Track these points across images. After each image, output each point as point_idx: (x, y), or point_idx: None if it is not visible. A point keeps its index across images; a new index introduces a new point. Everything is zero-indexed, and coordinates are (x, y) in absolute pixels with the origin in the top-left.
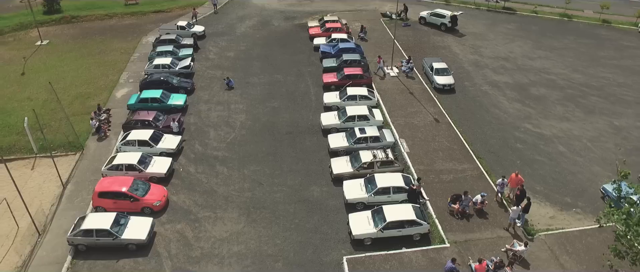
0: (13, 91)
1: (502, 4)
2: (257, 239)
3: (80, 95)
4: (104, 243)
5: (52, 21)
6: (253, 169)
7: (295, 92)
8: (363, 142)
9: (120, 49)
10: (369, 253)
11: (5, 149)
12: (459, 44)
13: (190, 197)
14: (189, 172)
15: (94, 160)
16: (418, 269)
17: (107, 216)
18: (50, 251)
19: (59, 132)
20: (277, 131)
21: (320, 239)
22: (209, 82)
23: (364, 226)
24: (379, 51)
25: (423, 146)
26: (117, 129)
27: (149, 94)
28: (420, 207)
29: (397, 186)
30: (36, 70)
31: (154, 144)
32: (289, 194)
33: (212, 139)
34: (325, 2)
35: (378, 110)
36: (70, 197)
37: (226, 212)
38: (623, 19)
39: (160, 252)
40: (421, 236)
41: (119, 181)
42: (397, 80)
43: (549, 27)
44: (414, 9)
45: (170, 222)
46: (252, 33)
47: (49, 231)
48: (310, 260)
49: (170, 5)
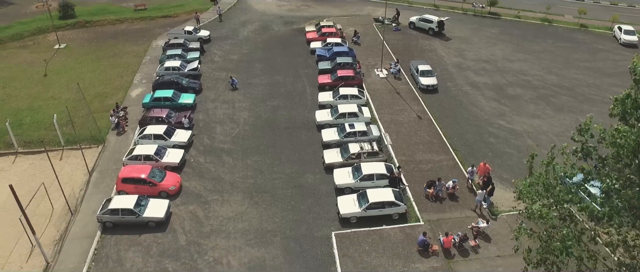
0: (38, 91)
1: (488, 9)
2: (259, 217)
3: (99, 94)
4: (128, 221)
5: (68, 26)
6: (255, 159)
7: (293, 92)
8: (352, 136)
9: (132, 52)
10: (354, 229)
11: (36, 142)
12: (444, 48)
13: (201, 183)
14: (199, 162)
15: (115, 152)
16: (395, 242)
17: (130, 198)
18: (82, 227)
19: (82, 127)
20: (277, 127)
21: (313, 217)
22: (215, 83)
23: (350, 206)
24: (371, 54)
25: (406, 139)
26: (133, 124)
27: (162, 94)
28: (400, 191)
29: (380, 173)
30: (57, 72)
31: (168, 138)
32: (287, 181)
33: (218, 133)
34: (322, 8)
35: (367, 108)
36: (96, 183)
37: (232, 195)
38: (599, 23)
39: (175, 228)
40: (399, 216)
41: (139, 169)
42: (386, 81)
43: (530, 31)
44: (405, 14)
45: (183, 204)
46: (253, 37)
47: (80, 211)
48: (304, 235)
49: (177, 11)
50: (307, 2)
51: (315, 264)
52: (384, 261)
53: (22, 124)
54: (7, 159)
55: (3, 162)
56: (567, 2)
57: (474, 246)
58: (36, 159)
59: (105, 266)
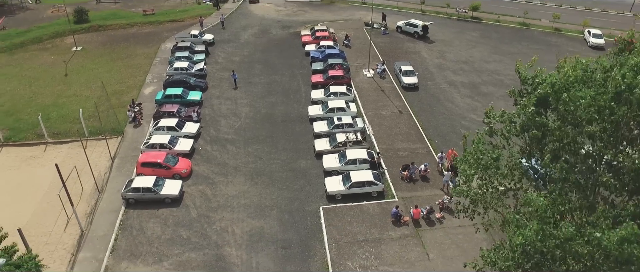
0: (61, 89)
1: (470, 13)
2: (258, 195)
3: (116, 92)
4: (148, 197)
5: (83, 30)
6: (255, 148)
7: (289, 90)
8: (339, 127)
9: (143, 54)
10: (339, 204)
11: (63, 133)
12: (427, 50)
13: (208, 167)
14: (206, 150)
15: (132, 141)
16: (373, 215)
17: (149, 178)
18: (109, 203)
19: (104, 120)
20: (274, 120)
21: (304, 195)
22: (219, 82)
23: (336, 185)
24: (360, 56)
25: (387, 130)
26: (148, 118)
27: (172, 91)
28: (379, 173)
29: (362, 158)
30: (76, 72)
31: (179, 129)
32: (282, 165)
33: (223, 126)
34: (317, 13)
35: (353, 104)
36: (118, 167)
37: (235, 177)
38: (572, 27)
39: (188, 204)
40: (378, 193)
41: (155, 155)
42: (372, 80)
43: (508, 34)
44: (393, 19)
45: (194, 185)
46: (253, 40)
47: (106, 190)
48: (296, 209)
49: (183, 16)
50: (304, 8)
51: (305, 232)
52: (363, 229)
53: (49, 118)
54: (39, 148)
55: (36, 150)
56: (547, 6)
57: (439, 218)
58: (64, 148)
59: (130, 233)
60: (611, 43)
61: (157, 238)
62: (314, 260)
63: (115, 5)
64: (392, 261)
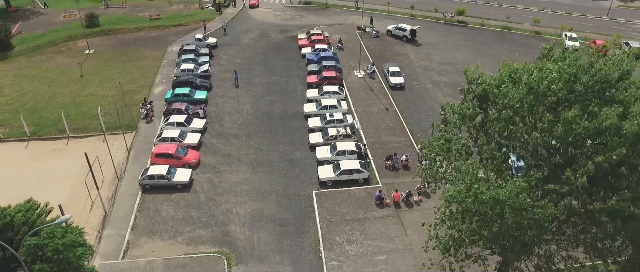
0: (78, 89)
1: (456, 18)
2: (259, 182)
3: (128, 91)
4: (161, 183)
5: (94, 33)
6: (256, 141)
7: (287, 89)
8: (331, 123)
9: (152, 57)
10: (330, 189)
11: (82, 129)
12: (415, 52)
13: (214, 158)
14: (212, 143)
15: (146, 135)
16: (359, 198)
17: (163, 167)
18: (127, 189)
19: (119, 117)
20: (273, 116)
21: (299, 181)
22: (222, 82)
23: (327, 173)
24: (352, 58)
25: (374, 126)
26: (158, 115)
27: (181, 91)
28: (365, 162)
29: (350, 150)
30: (90, 73)
31: (187, 125)
32: (280, 156)
33: (226, 121)
34: (313, 17)
35: (345, 102)
36: (134, 158)
37: (238, 167)
38: (551, 30)
39: (197, 189)
40: (364, 180)
41: (167, 147)
42: (363, 80)
43: (491, 37)
44: (384, 23)
45: (202, 173)
46: (253, 44)
47: (124, 178)
48: (292, 193)
49: (187, 20)
50: (300, 12)
51: (300, 213)
52: (350, 210)
53: (69, 115)
54: (61, 141)
55: (59, 144)
56: (529, 10)
57: (417, 201)
58: (84, 142)
59: (147, 214)
60: (586, 45)
61: (171, 218)
62: (307, 236)
63: (123, 10)
64: (374, 237)
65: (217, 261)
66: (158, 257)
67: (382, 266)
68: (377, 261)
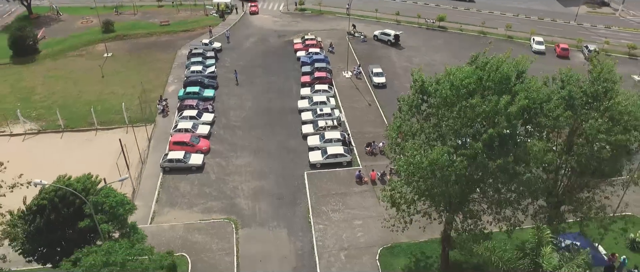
0: (100, 88)
1: (437, 23)
2: (259, 165)
3: (145, 90)
4: (179, 166)
5: (110, 38)
6: (257, 132)
7: (283, 88)
8: (321, 116)
9: (163, 59)
10: (318, 170)
11: (108, 122)
12: (398, 55)
13: (222, 146)
14: (220, 134)
15: (163, 127)
16: (342, 177)
17: (180, 153)
18: (150, 171)
19: (139, 112)
20: (271, 111)
21: (294, 164)
22: (227, 82)
23: (316, 157)
24: (341, 60)
25: (358, 118)
26: (173, 110)
27: (191, 89)
28: (348, 148)
29: (336, 138)
30: (110, 74)
31: (198, 118)
32: (277, 144)
33: (232, 116)
34: (308, 23)
35: (333, 99)
36: (154, 146)
37: (242, 153)
38: (522, 35)
39: (208, 171)
40: (347, 163)
41: (183, 136)
42: (350, 80)
43: (467, 41)
44: (371, 28)
45: (213, 158)
46: (254, 48)
47: (147, 162)
48: (287, 174)
49: (194, 26)
50: (296, 18)
51: (293, 189)
52: (335, 186)
53: (95, 110)
54: (91, 133)
55: (89, 135)
56: (505, 16)
57: (389, 179)
58: (110, 133)
59: (168, 190)
60: (550, 49)
61: (188, 193)
62: (299, 206)
63: (134, 17)
64: (353, 207)
65: (227, 225)
66: (179, 222)
67: (358, 228)
68: (355, 225)
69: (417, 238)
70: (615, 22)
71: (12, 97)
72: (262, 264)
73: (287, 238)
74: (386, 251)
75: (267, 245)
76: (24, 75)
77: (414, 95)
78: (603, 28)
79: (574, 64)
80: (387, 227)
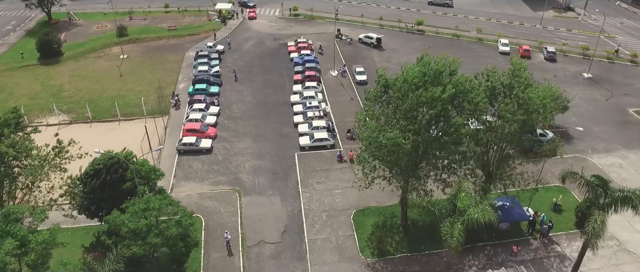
0: (120, 86)
1: (416, 27)
2: (258, 148)
3: (158, 87)
4: (192, 149)
5: (124, 42)
6: (256, 121)
7: (278, 85)
8: (310, 108)
9: (173, 60)
10: (307, 152)
11: (128, 114)
12: (379, 55)
13: (227, 133)
14: (224, 123)
15: (176, 118)
16: (326, 157)
17: (192, 138)
18: (168, 153)
19: (156, 105)
20: (268, 104)
21: (286, 147)
22: (230, 80)
23: (305, 141)
24: (329, 61)
25: (342, 110)
26: (184, 104)
27: (199, 86)
28: (332, 134)
29: (322, 126)
30: (128, 73)
31: (206, 110)
32: (273, 131)
33: (234, 108)
34: (300, 27)
35: (321, 93)
36: (170, 133)
37: (244, 138)
38: (491, 37)
39: (216, 152)
40: (330, 146)
41: (194, 125)
42: (336, 78)
43: (442, 43)
44: (358, 32)
45: (219, 142)
46: (252, 49)
47: (165, 146)
48: (281, 154)
49: (199, 30)
50: (290, 23)
51: (286, 166)
52: (320, 164)
53: (117, 104)
54: (115, 123)
55: (113, 125)
56: (479, 20)
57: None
58: (131, 123)
59: (183, 168)
60: (515, 49)
61: (199, 170)
62: (290, 180)
63: (145, 22)
64: (334, 180)
65: (232, 194)
66: (193, 192)
67: (337, 196)
68: (335, 193)
69: (384, 203)
70: (577, 25)
71: (44, 93)
72: (260, 223)
73: (280, 204)
74: (359, 212)
75: (264, 209)
76: (52, 75)
77: (377, 88)
78: (565, 31)
79: (534, 63)
80: (356, 187)
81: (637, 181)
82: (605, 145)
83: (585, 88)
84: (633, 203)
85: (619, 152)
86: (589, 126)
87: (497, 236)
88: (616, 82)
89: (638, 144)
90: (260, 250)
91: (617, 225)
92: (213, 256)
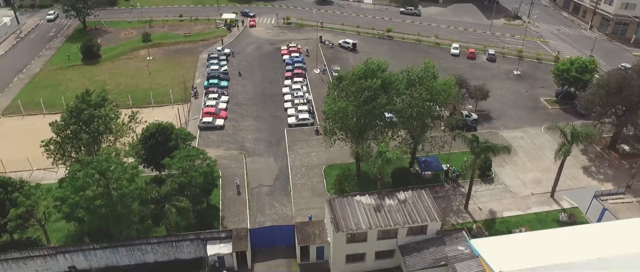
0: (149, 81)
1: (386, 34)
2: (257, 125)
3: (180, 82)
4: (209, 126)
5: (148, 46)
6: (256, 107)
7: (273, 80)
8: (296, 97)
9: (190, 61)
10: (293, 128)
11: (159, 102)
12: (354, 57)
13: (234, 115)
14: (232, 108)
15: (195, 105)
16: (308, 132)
17: (209, 118)
18: (191, 129)
19: (181, 95)
20: (265, 94)
21: (279, 125)
22: (235, 77)
23: (292, 120)
24: (314, 61)
25: (320, 99)
26: (201, 94)
27: (212, 81)
28: (312, 115)
29: (305, 109)
30: (155, 72)
31: (219, 98)
32: (269, 113)
33: (240, 97)
34: (292, 34)
35: (305, 87)
36: (191, 115)
37: (247, 119)
38: (446, 42)
39: (227, 128)
40: (311, 123)
41: (210, 109)
42: (318, 76)
43: (406, 47)
44: (338, 37)
45: (229, 122)
46: (253, 53)
47: (189, 124)
48: (275, 130)
49: (209, 36)
50: (284, 31)
51: (278, 138)
52: (302, 136)
53: (149, 95)
54: (150, 108)
55: (149, 110)
56: (440, 27)
57: None
58: (162, 109)
59: (203, 139)
60: (464, 52)
61: (216, 140)
62: (281, 147)
63: (163, 29)
64: (312, 147)
65: (239, 156)
66: (212, 155)
67: (313, 157)
68: (312, 156)
69: (346, 161)
70: (522, 32)
71: (92, 87)
72: (259, 173)
73: (273, 162)
74: (328, 167)
75: (262, 165)
76: (95, 73)
77: (336, 80)
78: (509, 36)
79: (477, 63)
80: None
81: (530, 147)
82: (515, 123)
83: (513, 82)
84: (493, 150)
85: (523, 128)
86: (506, 110)
87: (424, 181)
88: (538, 78)
89: (539, 123)
90: (259, 190)
91: (507, 176)
92: (227, 194)
